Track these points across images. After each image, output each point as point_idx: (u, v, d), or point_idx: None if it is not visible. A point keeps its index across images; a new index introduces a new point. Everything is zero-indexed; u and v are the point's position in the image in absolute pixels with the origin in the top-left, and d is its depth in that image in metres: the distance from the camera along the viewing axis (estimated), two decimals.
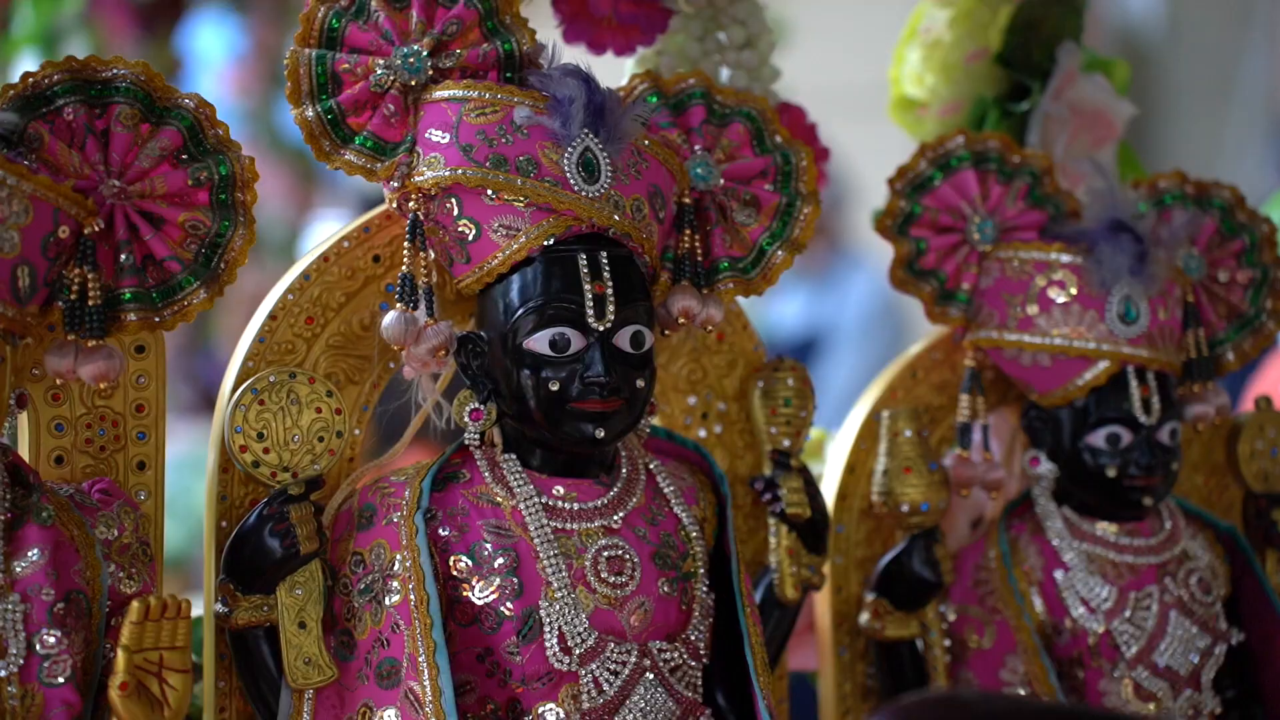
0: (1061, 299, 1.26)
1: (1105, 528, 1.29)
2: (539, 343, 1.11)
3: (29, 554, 1.00)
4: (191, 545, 2.63)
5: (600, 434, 1.11)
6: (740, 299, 1.22)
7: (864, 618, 1.28)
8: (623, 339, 1.12)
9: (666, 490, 1.17)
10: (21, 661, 0.99)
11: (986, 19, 1.41)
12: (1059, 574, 1.28)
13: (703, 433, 1.27)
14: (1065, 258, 1.27)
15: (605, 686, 1.10)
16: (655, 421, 1.23)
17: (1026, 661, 1.25)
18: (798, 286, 3.60)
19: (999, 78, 1.41)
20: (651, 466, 1.18)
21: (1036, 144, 1.39)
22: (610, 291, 1.11)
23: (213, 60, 4.25)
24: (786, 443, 1.25)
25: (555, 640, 1.10)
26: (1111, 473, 1.26)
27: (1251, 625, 1.30)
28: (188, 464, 2.54)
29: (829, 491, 1.32)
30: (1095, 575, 1.27)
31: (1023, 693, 1.24)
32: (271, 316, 1.15)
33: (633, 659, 1.11)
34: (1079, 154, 1.41)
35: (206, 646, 1.14)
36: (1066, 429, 1.28)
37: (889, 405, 1.32)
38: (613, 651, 1.11)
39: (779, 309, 3.65)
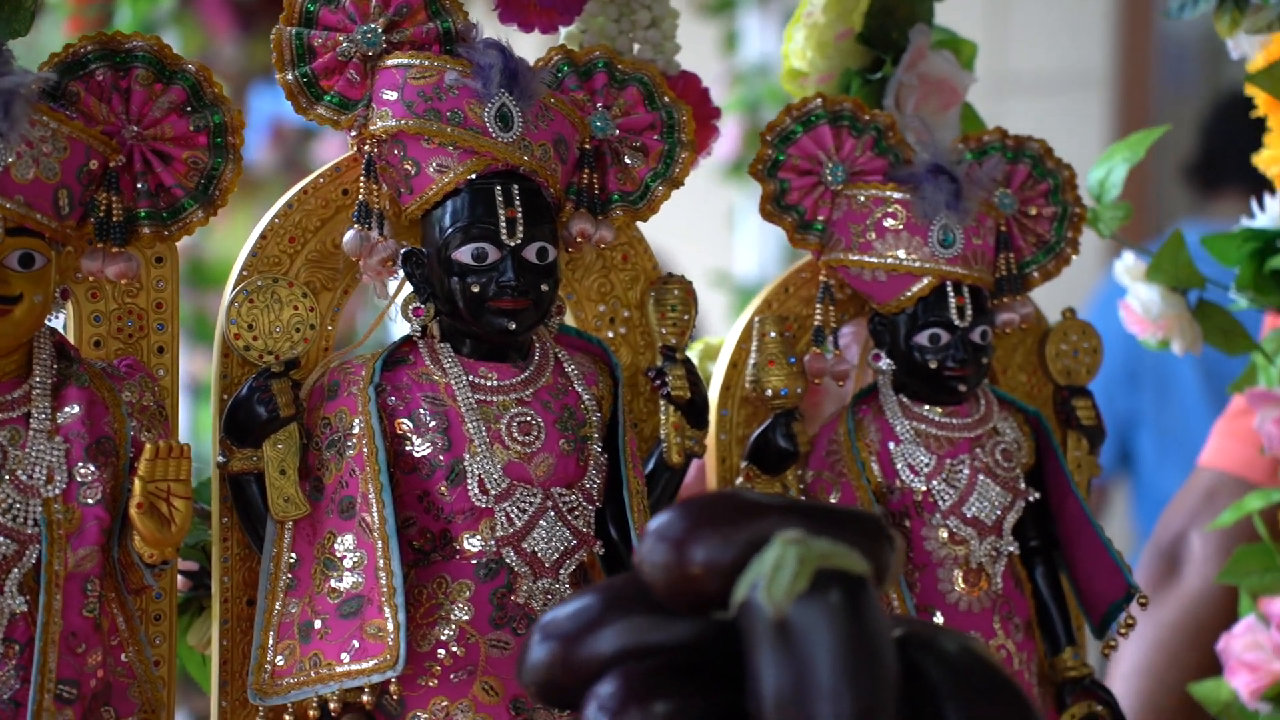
0: (894, 227, 1.46)
1: (931, 410, 1.48)
2: (464, 255, 1.31)
3: (70, 408, 1.21)
4: None
5: (512, 326, 1.32)
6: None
7: (739, 481, 1.49)
8: (530, 253, 1.32)
9: (571, 373, 1.37)
10: (65, 485, 1.20)
11: (852, 5, 1.59)
12: (892, 445, 1.47)
13: (610, 334, 1.47)
14: (896, 195, 1.46)
15: (515, 520, 1.31)
16: (569, 321, 1.44)
17: None
18: None
19: (862, 53, 1.60)
20: (560, 355, 1.38)
21: (891, 106, 1.58)
22: (520, 215, 1.31)
23: None
24: (674, 340, 1.44)
25: (475, 485, 1.31)
26: (933, 365, 1.46)
27: (1050, 488, 1.49)
28: None
29: (717, 383, 1.52)
30: (920, 446, 1.46)
31: None
32: (262, 236, 1.35)
33: (537, 500, 1.32)
34: (928, 114, 1.61)
35: (214, 491, 1.35)
36: (901, 331, 1.47)
37: (764, 313, 1.52)
38: (521, 494, 1.32)
39: None
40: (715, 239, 4.10)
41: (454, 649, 1.30)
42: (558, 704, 1.04)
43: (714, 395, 1.50)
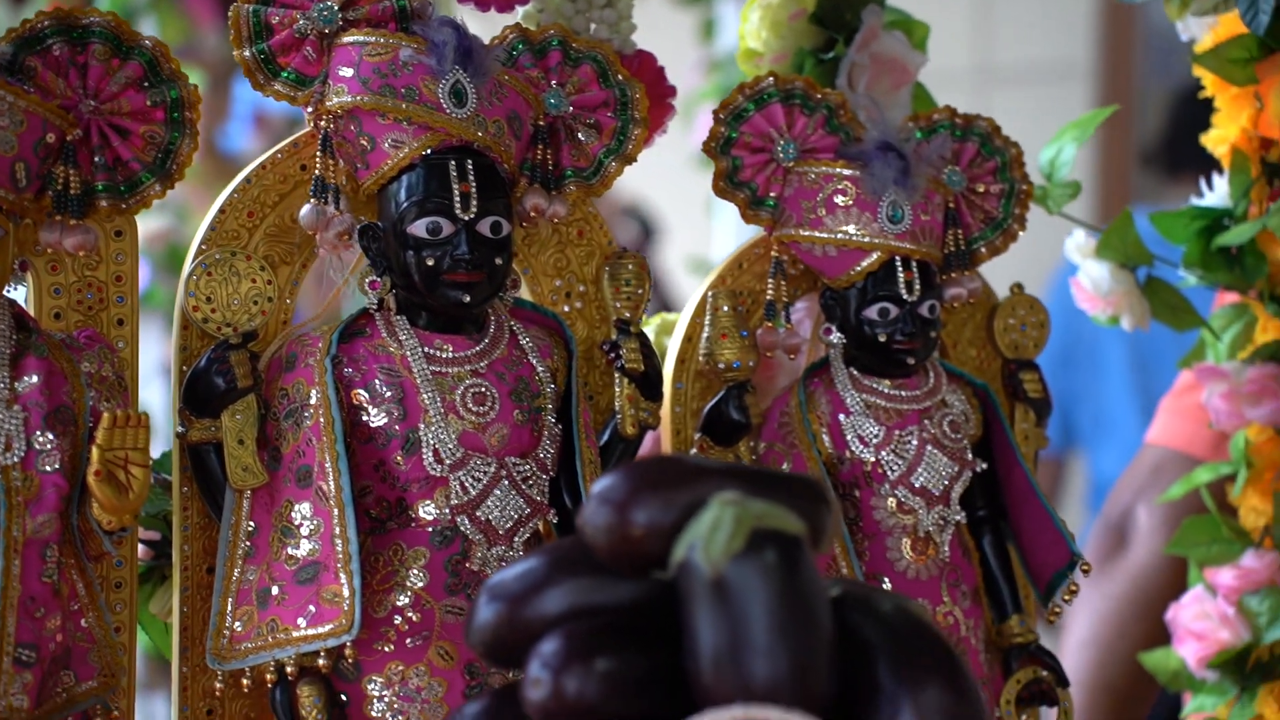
0: (843, 202, 1.47)
1: (880, 382, 1.49)
2: (419, 229, 1.33)
3: (29, 377, 1.22)
4: None
5: (466, 299, 1.33)
6: None
7: (693, 453, 1.50)
8: (484, 227, 1.33)
9: (526, 345, 1.39)
10: (23, 453, 1.21)
11: None
12: (842, 417, 1.48)
13: (566, 308, 1.48)
14: (846, 171, 1.47)
15: (469, 489, 1.33)
16: (525, 295, 1.45)
17: None
18: None
19: (815, 33, 1.61)
20: (515, 327, 1.39)
21: (843, 86, 1.59)
22: (474, 190, 1.32)
23: None
24: (628, 314, 1.45)
25: (430, 454, 1.32)
26: (882, 338, 1.47)
27: (997, 459, 1.51)
28: None
29: (672, 356, 1.53)
30: (869, 418, 1.48)
31: None
32: (221, 211, 1.36)
33: (491, 469, 1.33)
34: (880, 93, 1.62)
35: (174, 461, 1.36)
36: (851, 305, 1.49)
37: (718, 288, 1.53)
38: (476, 463, 1.33)
39: None
40: (694, 225, 4.12)
41: (410, 615, 1.31)
42: (504, 663, 1.05)
43: (669, 369, 1.51)
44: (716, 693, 0.96)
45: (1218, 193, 1.76)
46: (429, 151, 1.32)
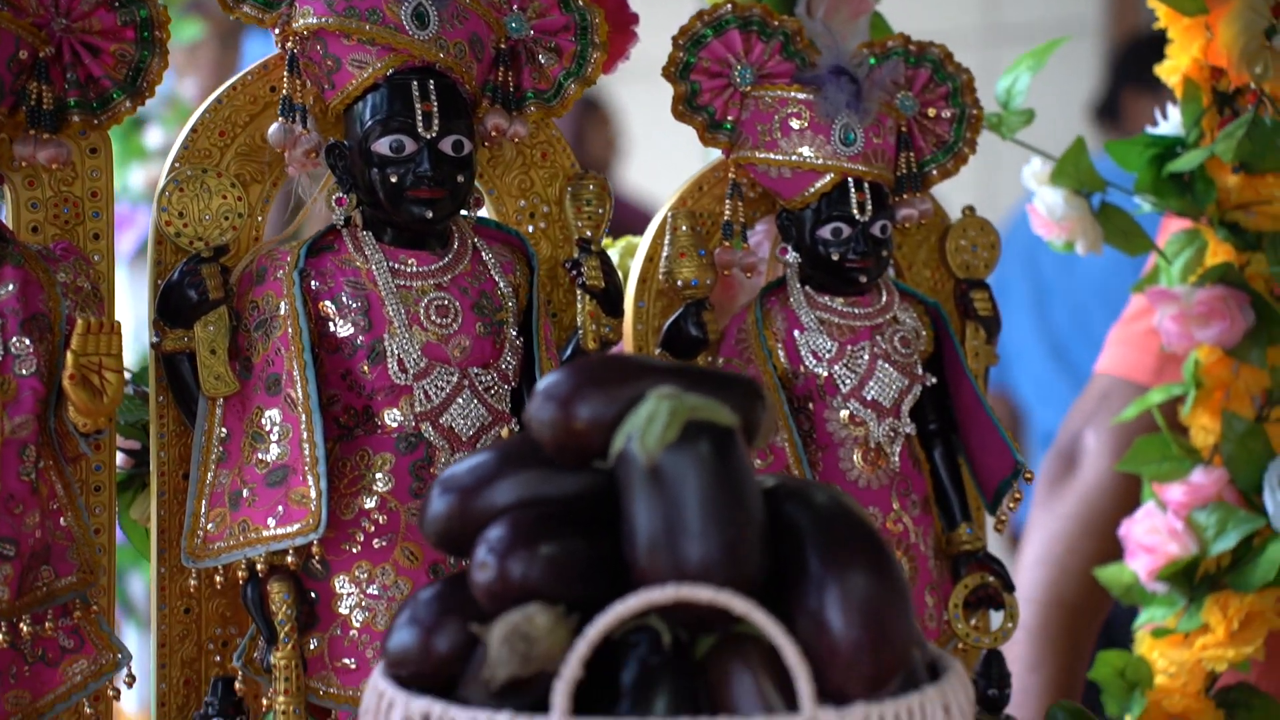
0: (798, 126, 1.50)
1: (834, 299, 1.53)
2: (382, 146, 1.36)
3: (6, 285, 1.25)
4: None
5: (429, 214, 1.37)
6: None
7: None
8: (446, 145, 1.36)
9: (488, 261, 1.42)
10: (1, 358, 1.26)
11: None
12: (797, 333, 1.52)
13: (530, 228, 1.51)
14: (801, 95, 1.50)
15: (433, 397, 1.36)
16: (485, 214, 1.49)
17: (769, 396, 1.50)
18: None
19: None
20: (478, 244, 1.43)
21: (801, 14, 1.62)
22: (436, 109, 1.36)
23: None
24: (589, 232, 1.49)
25: (395, 364, 1.36)
26: (835, 257, 1.50)
27: (947, 374, 1.55)
28: None
29: (634, 276, 1.57)
30: (823, 334, 1.51)
31: None
32: (193, 130, 1.40)
33: (454, 379, 1.37)
34: (839, 23, 1.64)
35: (151, 371, 1.40)
36: (806, 226, 1.52)
37: (678, 210, 1.56)
38: (439, 373, 1.37)
39: None
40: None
41: (376, 517, 1.35)
42: (457, 552, 1.09)
43: (631, 287, 1.54)
44: (652, 574, 1.00)
45: (1171, 122, 1.78)
46: (392, 72, 1.35)
